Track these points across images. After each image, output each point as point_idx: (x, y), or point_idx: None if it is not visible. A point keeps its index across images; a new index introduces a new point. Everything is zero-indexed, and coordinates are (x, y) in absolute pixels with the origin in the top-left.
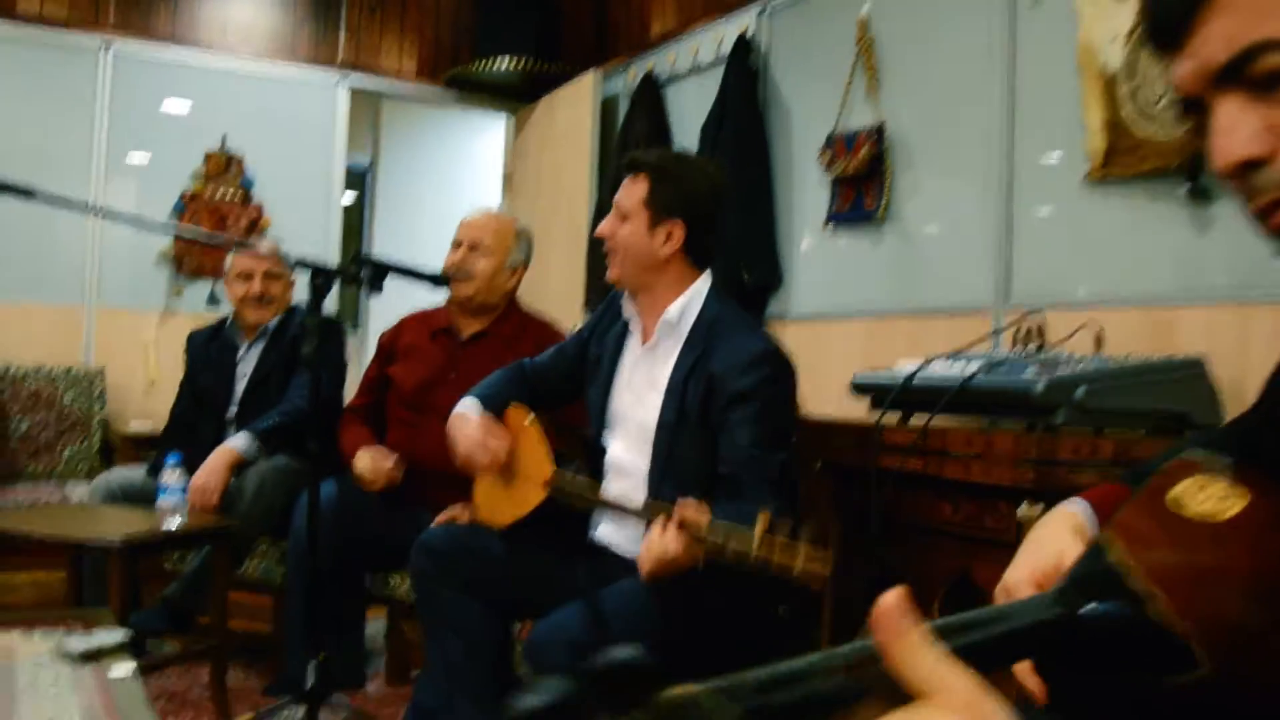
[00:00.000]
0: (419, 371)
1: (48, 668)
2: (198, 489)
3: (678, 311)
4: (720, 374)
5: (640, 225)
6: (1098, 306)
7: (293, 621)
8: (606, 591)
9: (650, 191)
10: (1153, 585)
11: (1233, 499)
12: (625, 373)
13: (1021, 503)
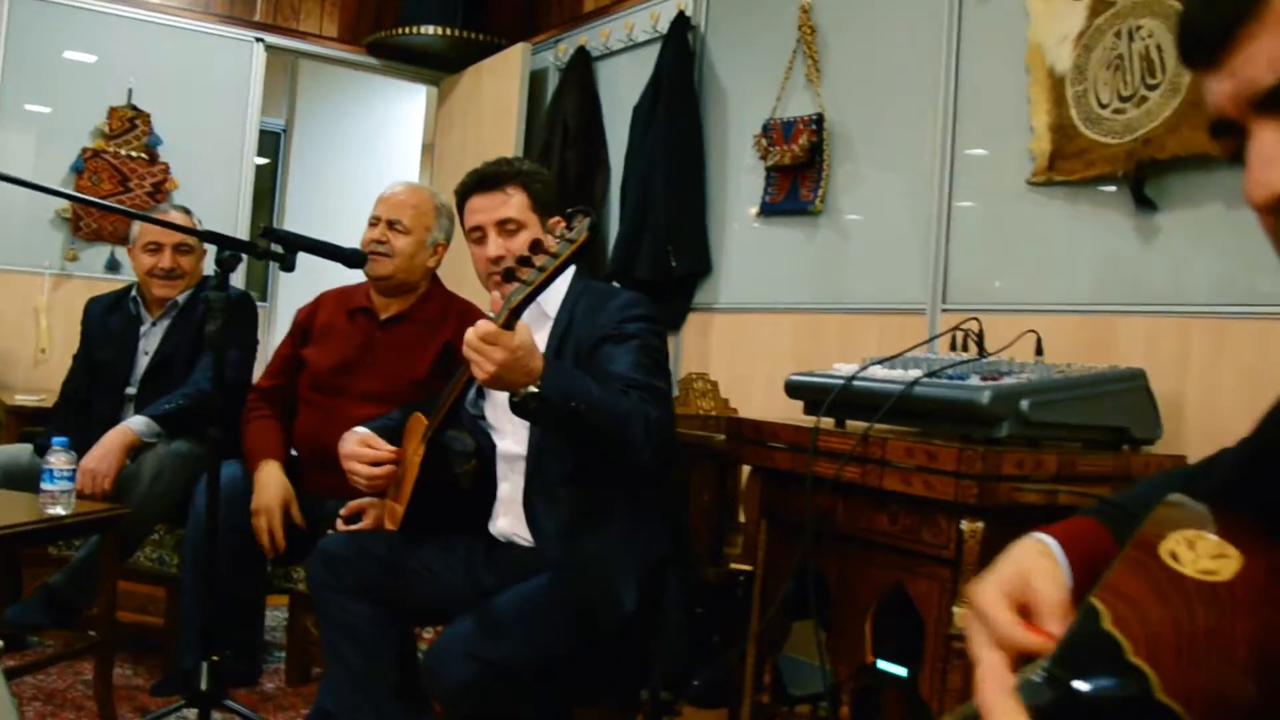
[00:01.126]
0: (334, 354)
1: None
2: (89, 473)
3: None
4: (587, 333)
5: (536, 230)
6: (1037, 311)
7: (187, 613)
8: (505, 596)
9: (531, 197)
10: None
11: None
12: None
13: (962, 518)
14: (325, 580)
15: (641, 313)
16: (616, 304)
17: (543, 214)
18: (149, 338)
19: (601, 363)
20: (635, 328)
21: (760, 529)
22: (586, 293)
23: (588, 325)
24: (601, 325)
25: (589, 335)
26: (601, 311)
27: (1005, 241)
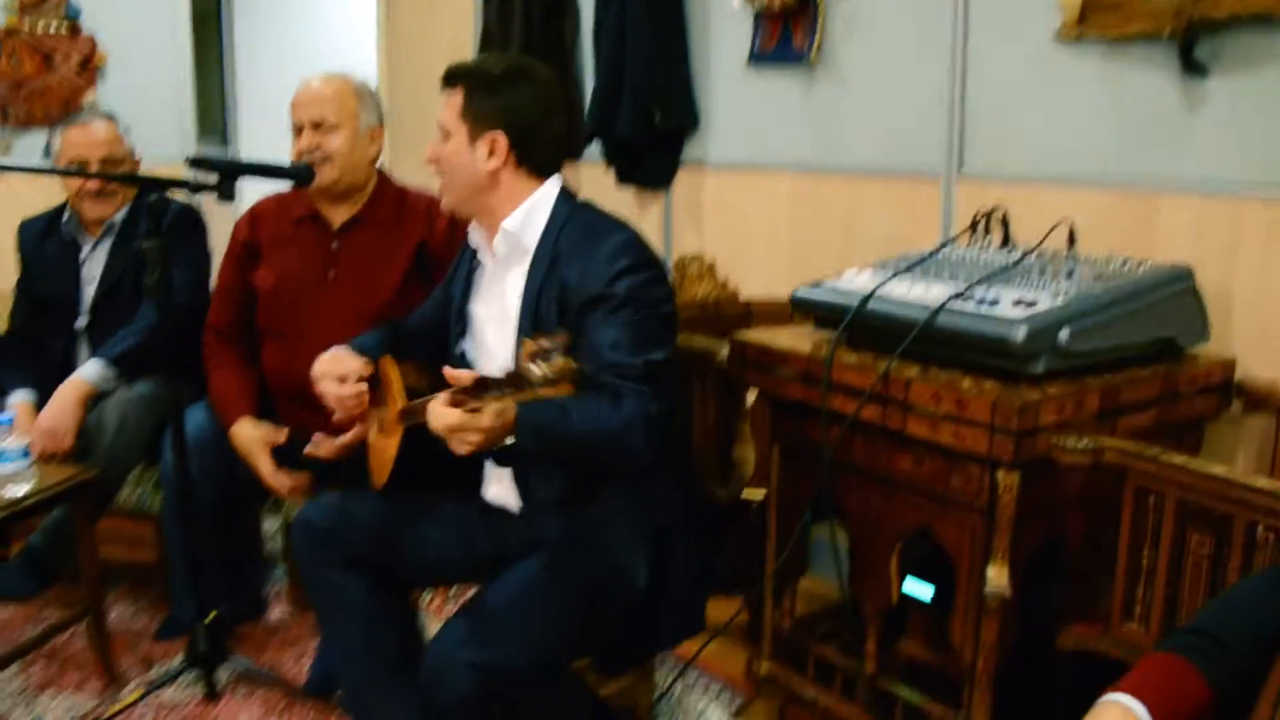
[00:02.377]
0: (290, 275)
1: None
2: (46, 433)
3: (518, 222)
4: (573, 281)
5: (461, 141)
6: (1065, 187)
7: (175, 564)
8: (501, 587)
9: (465, 103)
10: None
11: None
12: (479, 310)
13: (997, 469)
14: (312, 555)
15: (632, 262)
16: (606, 251)
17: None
18: (91, 263)
19: (591, 337)
20: (626, 285)
21: (772, 456)
22: (572, 223)
23: (575, 271)
24: (590, 279)
25: (577, 286)
26: (590, 257)
27: (1029, 105)
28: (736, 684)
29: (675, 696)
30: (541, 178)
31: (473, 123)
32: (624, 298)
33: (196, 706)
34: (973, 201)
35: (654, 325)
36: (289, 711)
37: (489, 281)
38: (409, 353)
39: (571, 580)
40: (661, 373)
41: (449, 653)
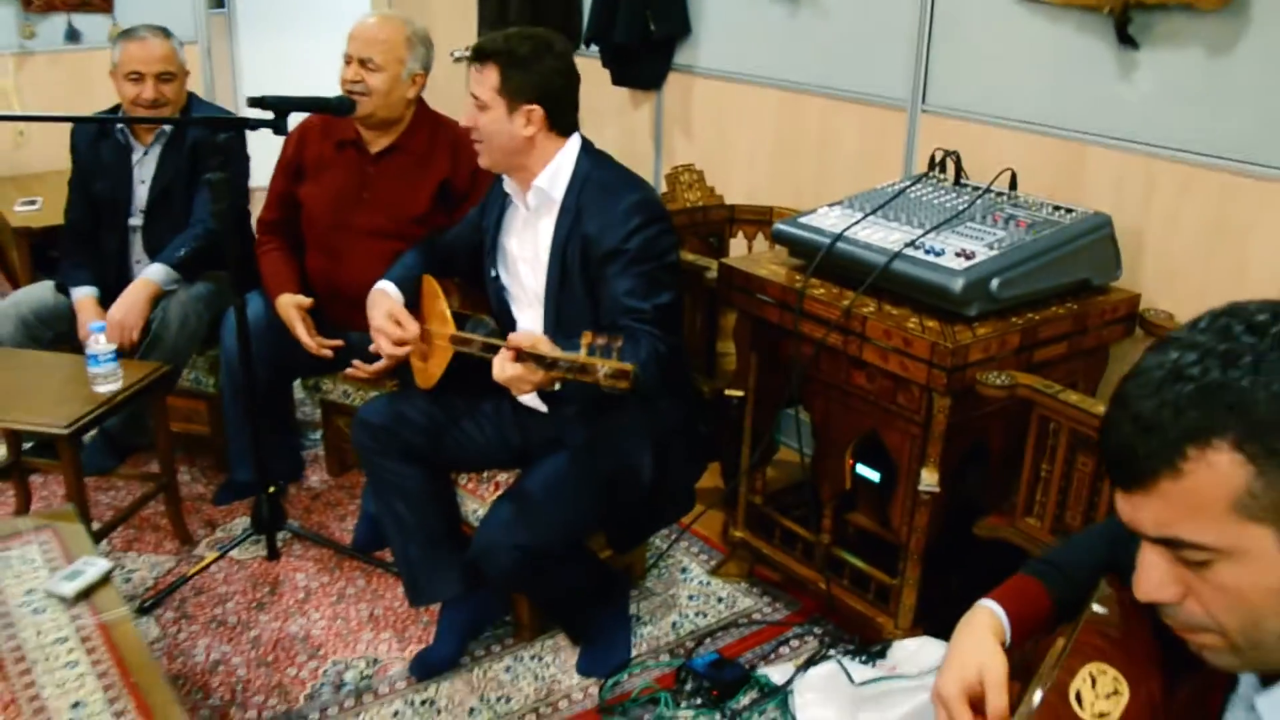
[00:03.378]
0: (330, 193)
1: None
2: (116, 324)
3: (548, 180)
4: (594, 234)
5: (499, 113)
6: (1012, 128)
7: (234, 435)
8: (534, 479)
9: (501, 81)
10: None
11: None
12: (513, 246)
13: (933, 394)
14: (372, 448)
15: (643, 220)
16: (622, 210)
17: (510, 98)
18: (143, 166)
19: (610, 285)
20: (638, 241)
21: (750, 362)
22: (591, 181)
23: (596, 223)
24: (608, 234)
25: (597, 239)
26: (608, 211)
27: (988, 51)
28: (713, 544)
29: (664, 556)
30: (567, 137)
31: (510, 98)
32: (636, 251)
33: (260, 565)
34: (934, 132)
35: (662, 273)
36: (339, 567)
37: (523, 225)
38: (445, 268)
39: (592, 476)
40: (669, 313)
41: (496, 537)
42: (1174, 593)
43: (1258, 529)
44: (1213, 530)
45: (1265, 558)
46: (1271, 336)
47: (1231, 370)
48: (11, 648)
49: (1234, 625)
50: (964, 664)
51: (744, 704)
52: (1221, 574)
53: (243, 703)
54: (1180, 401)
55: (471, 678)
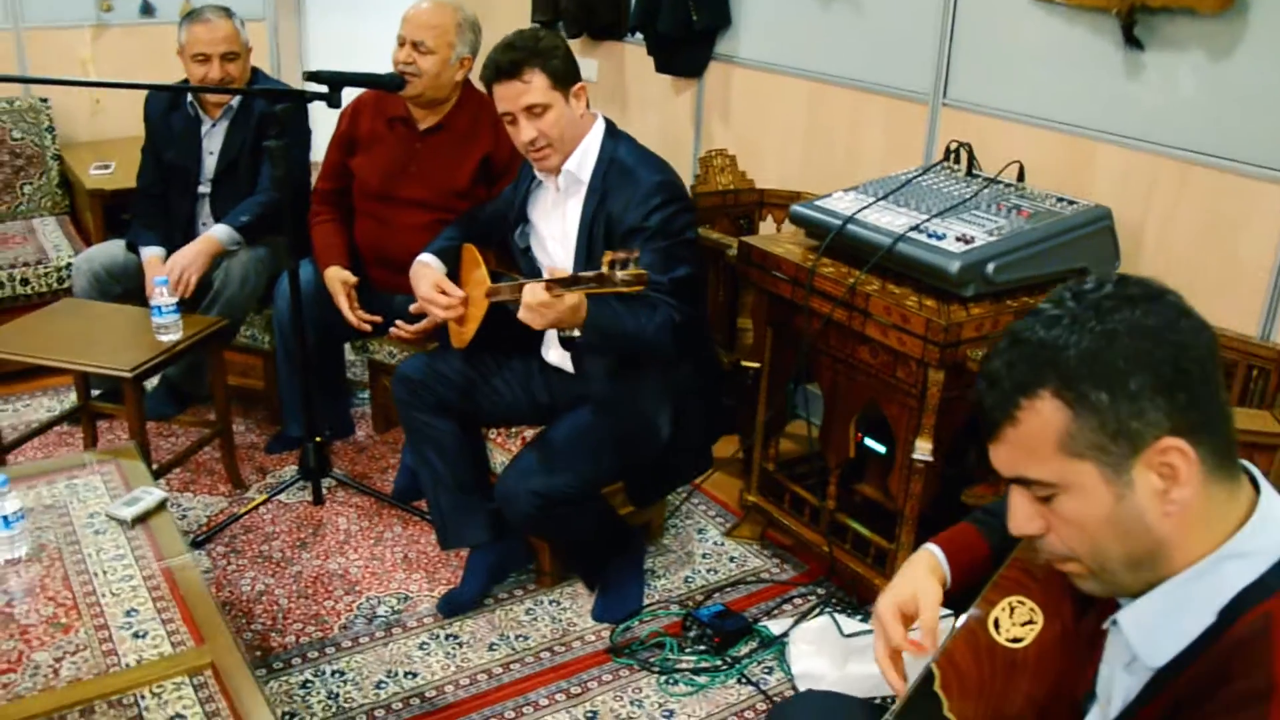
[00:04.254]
0: (380, 166)
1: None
2: (176, 268)
3: (576, 163)
4: (617, 213)
5: (560, 106)
6: (1025, 122)
7: (285, 392)
8: (558, 430)
9: (550, 76)
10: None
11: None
12: (542, 225)
13: (928, 369)
14: (408, 400)
15: (663, 199)
16: (643, 191)
17: (564, 87)
18: (211, 138)
19: None
20: (658, 219)
21: (766, 337)
22: (616, 164)
23: (619, 203)
24: (631, 213)
25: (620, 216)
26: (632, 191)
27: (1005, 49)
28: (729, 508)
29: (681, 515)
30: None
31: (563, 87)
32: (656, 229)
33: (306, 509)
34: (953, 124)
35: (679, 249)
36: (378, 514)
37: (552, 204)
38: (483, 240)
39: (612, 430)
40: (686, 285)
41: (517, 482)
42: (1037, 526)
43: (1082, 464)
44: (1047, 467)
45: (1092, 490)
46: (1088, 301)
47: (1052, 330)
48: (75, 562)
49: (1084, 552)
50: (900, 590)
51: (743, 652)
52: (1064, 506)
53: (282, 629)
54: (1013, 359)
55: (494, 617)
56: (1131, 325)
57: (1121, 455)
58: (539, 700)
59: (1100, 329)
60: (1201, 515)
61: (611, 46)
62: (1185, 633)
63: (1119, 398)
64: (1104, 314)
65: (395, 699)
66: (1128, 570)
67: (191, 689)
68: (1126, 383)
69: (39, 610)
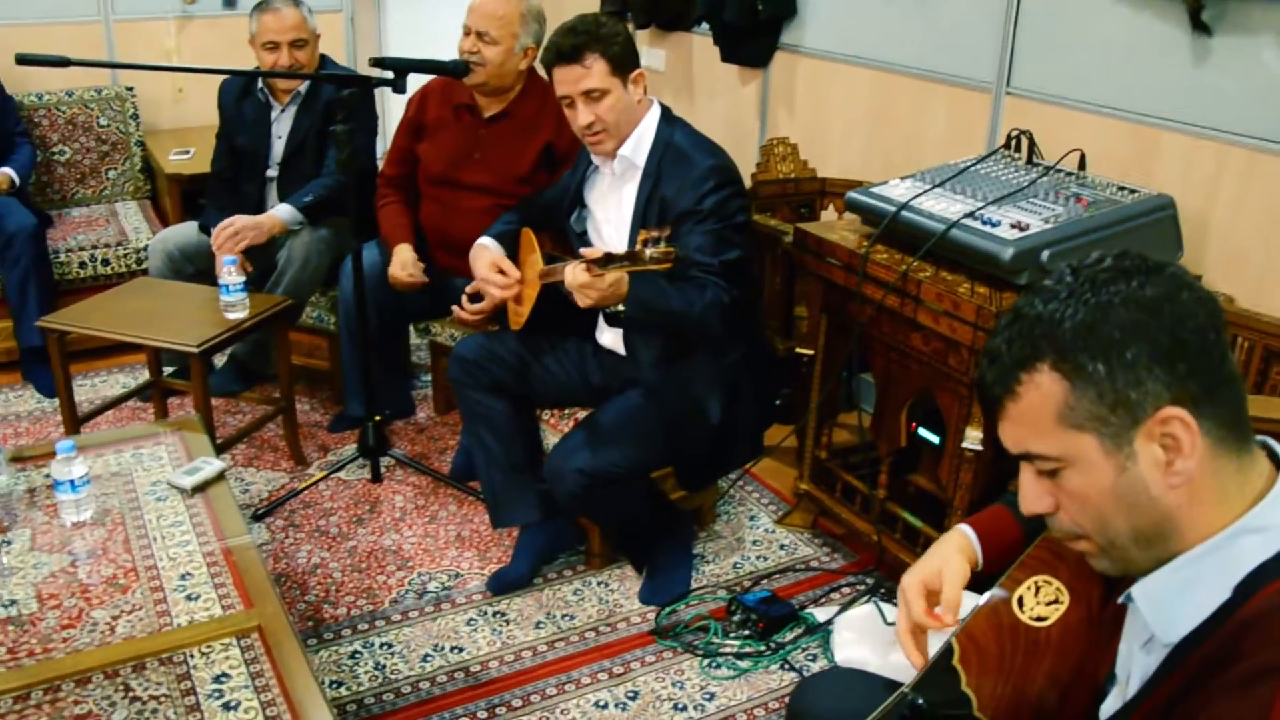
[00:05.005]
0: (445, 152)
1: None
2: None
3: (632, 148)
4: (671, 197)
5: (618, 92)
6: (1088, 110)
7: (348, 373)
8: (607, 412)
9: (609, 61)
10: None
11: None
12: (598, 209)
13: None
14: (463, 380)
15: (716, 184)
16: (698, 173)
17: (623, 73)
18: (280, 123)
19: (683, 243)
20: (710, 202)
21: (820, 323)
22: (671, 149)
23: (673, 187)
24: (684, 197)
25: (674, 199)
26: (685, 176)
27: (1070, 37)
28: (782, 496)
29: (734, 502)
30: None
31: (621, 73)
32: (708, 212)
33: (364, 486)
34: (1016, 113)
35: (730, 233)
36: (435, 493)
37: (608, 188)
38: (541, 221)
39: (661, 413)
40: (735, 269)
41: (564, 460)
42: (1047, 504)
43: (1082, 436)
44: (1049, 441)
45: (1094, 462)
46: (1085, 275)
47: (1049, 304)
48: (136, 527)
49: (1091, 528)
50: (926, 566)
51: (788, 639)
52: (1069, 481)
53: (334, 600)
54: (1012, 335)
55: (541, 596)
56: (1127, 296)
57: (1121, 426)
58: (581, 679)
59: (1095, 301)
60: (1212, 489)
61: (679, 37)
62: (1200, 608)
63: (1115, 368)
64: (1099, 286)
65: (440, 672)
66: (1137, 546)
67: (238, 650)
68: (1123, 353)
69: (100, 571)
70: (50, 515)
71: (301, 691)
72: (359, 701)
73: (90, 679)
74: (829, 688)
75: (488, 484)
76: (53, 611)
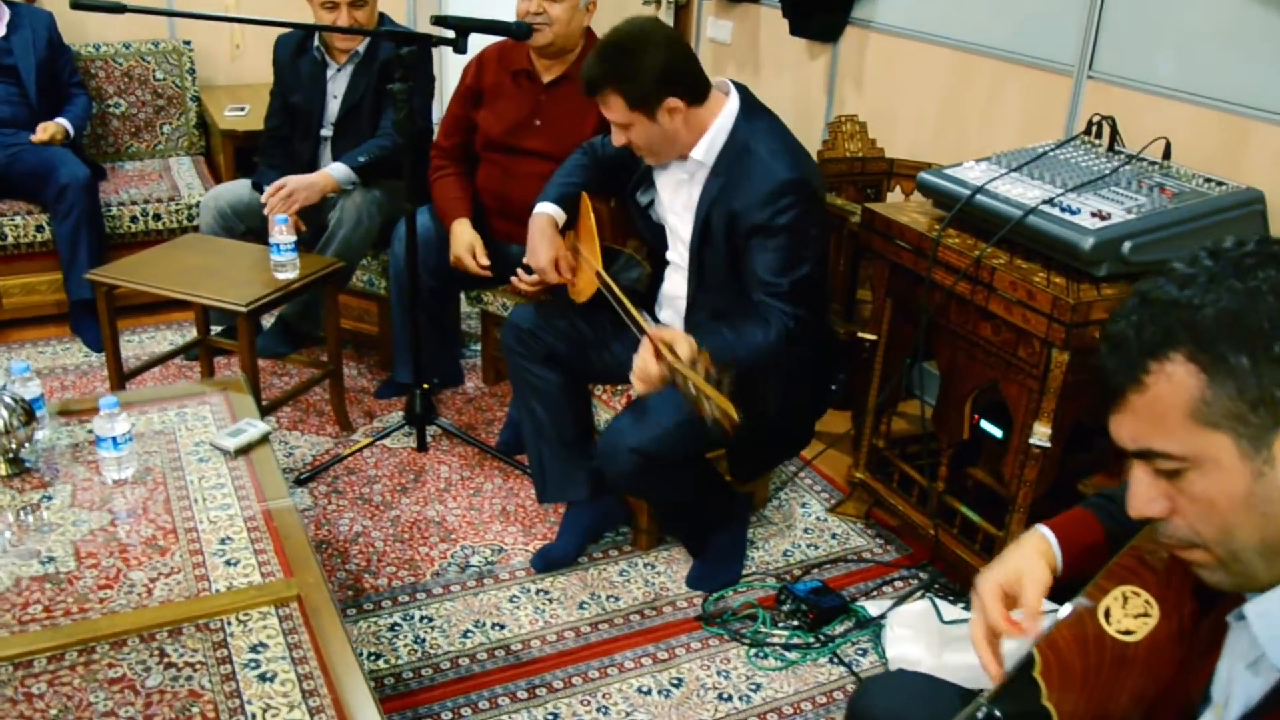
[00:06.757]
0: (505, 118)
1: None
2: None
3: (704, 151)
4: (740, 209)
5: (644, 125)
6: (1175, 98)
7: (398, 338)
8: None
9: (626, 100)
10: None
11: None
12: (665, 192)
13: (1052, 348)
14: (517, 349)
15: (790, 200)
16: (774, 187)
17: (646, 108)
18: (335, 82)
19: (752, 258)
20: (783, 220)
21: (885, 307)
22: (747, 153)
23: (743, 197)
24: (755, 212)
25: (743, 213)
26: (758, 189)
27: (1158, 21)
28: (835, 484)
29: (786, 488)
30: (705, 98)
31: (643, 108)
32: (779, 228)
33: (409, 454)
34: (1098, 98)
35: (802, 248)
36: (480, 465)
37: (677, 181)
38: (604, 183)
39: None
40: (805, 286)
41: (617, 439)
42: (1161, 507)
43: (1216, 436)
44: (1176, 438)
45: (1227, 465)
46: (1226, 258)
47: (1186, 289)
48: (177, 487)
49: (1212, 537)
50: (1005, 569)
51: (838, 631)
52: (1193, 483)
53: (375, 571)
54: (1141, 320)
55: (586, 575)
56: (1276, 284)
57: (1262, 427)
58: (624, 662)
59: (1242, 287)
60: None
61: (746, 8)
62: None
63: (1261, 362)
64: (1245, 272)
65: (480, 649)
66: (1262, 559)
67: (276, 619)
68: (1271, 346)
69: (139, 531)
70: (92, 471)
71: (340, 665)
72: (397, 675)
73: (125, 642)
74: (893, 691)
75: (536, 458)
76: (90, 570)
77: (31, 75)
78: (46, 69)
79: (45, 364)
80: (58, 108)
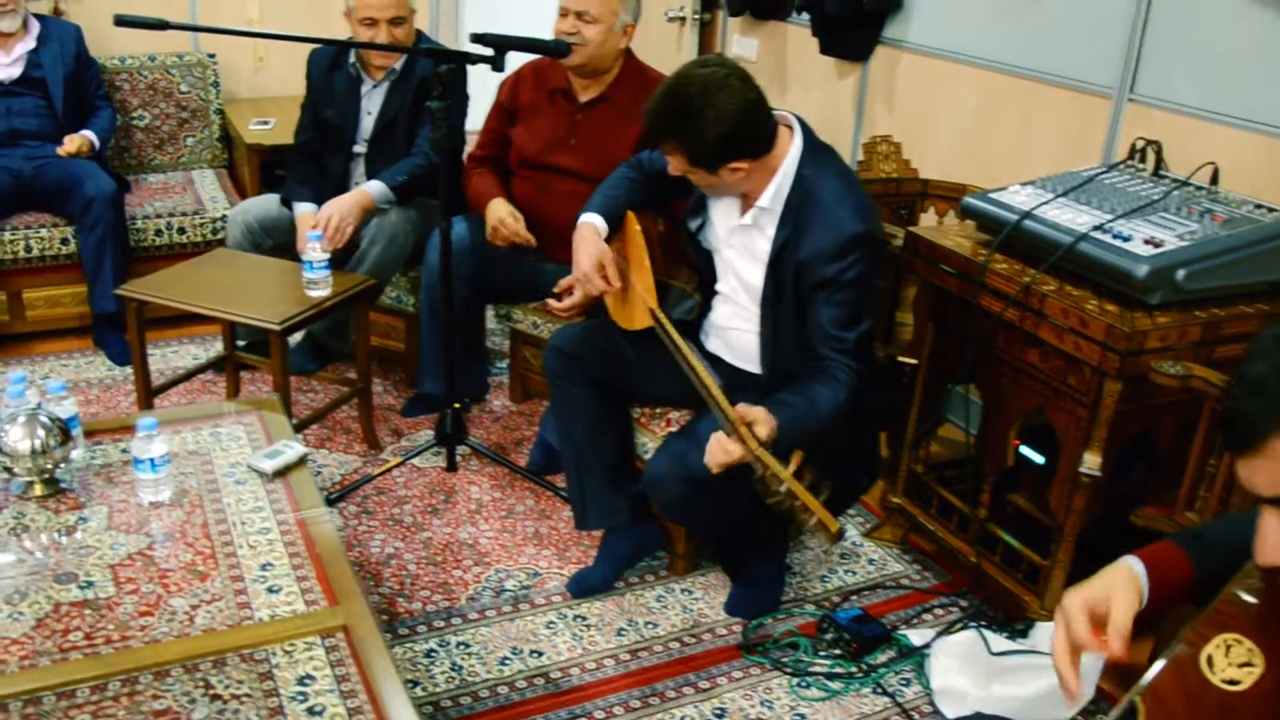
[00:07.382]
0: (540, 136)
1: (245, 485)
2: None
3: (770, 199)
4: (807, 260)
5: (705, 177)
6: (1222, 122)
7: (426, 352)
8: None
9: (689, 157)
10: None
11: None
12: (721, 225)
13: (1104, 378)
14: (560, 372)
15: (859, 255)
16: (843, 241)
17: (708, 166)
18: (370, 99)
19: (818, 311)
20: (852, 275)
21: (927, 333)
22: (812, 200)
23: (811, 247)
24: (823, 264)
25: (810, 263)
26: (826, 240)
27: (1204, 43)
28: (871, 508)
29: None
30: (773, 148)
31: (705, 166)
32: (848, 283)
33: (439, 474)
34: (1138, 122)
35: (867, 300)
36: (511, 485)
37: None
38: (651, 196)
39: None
40: (867, 338)
41: (667, 467)
42: None
43: None
44: None
45: None
46: None
47: None
48: (215, 510)
49: None
50: (1094, 588)
51: (880, 661)
52: None
53: (409, 594)
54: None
55: (623, 601)
56: None
57: None
58: (666, 692)
59: None
60: None
61: (774, 26)
62: None
63: None
64: None
65: (519, 677)
66: None
67: (323, 650)
68: None
69: (178, 555)
70: (127, 493)
71: (390, 699)
72: (435, 704)
73: (169, 672)
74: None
75: (576, 483)
76: (130, 596)
77: (59, 88)
78: (73, 82)
79: (69, 377)
80: (83, 120)
